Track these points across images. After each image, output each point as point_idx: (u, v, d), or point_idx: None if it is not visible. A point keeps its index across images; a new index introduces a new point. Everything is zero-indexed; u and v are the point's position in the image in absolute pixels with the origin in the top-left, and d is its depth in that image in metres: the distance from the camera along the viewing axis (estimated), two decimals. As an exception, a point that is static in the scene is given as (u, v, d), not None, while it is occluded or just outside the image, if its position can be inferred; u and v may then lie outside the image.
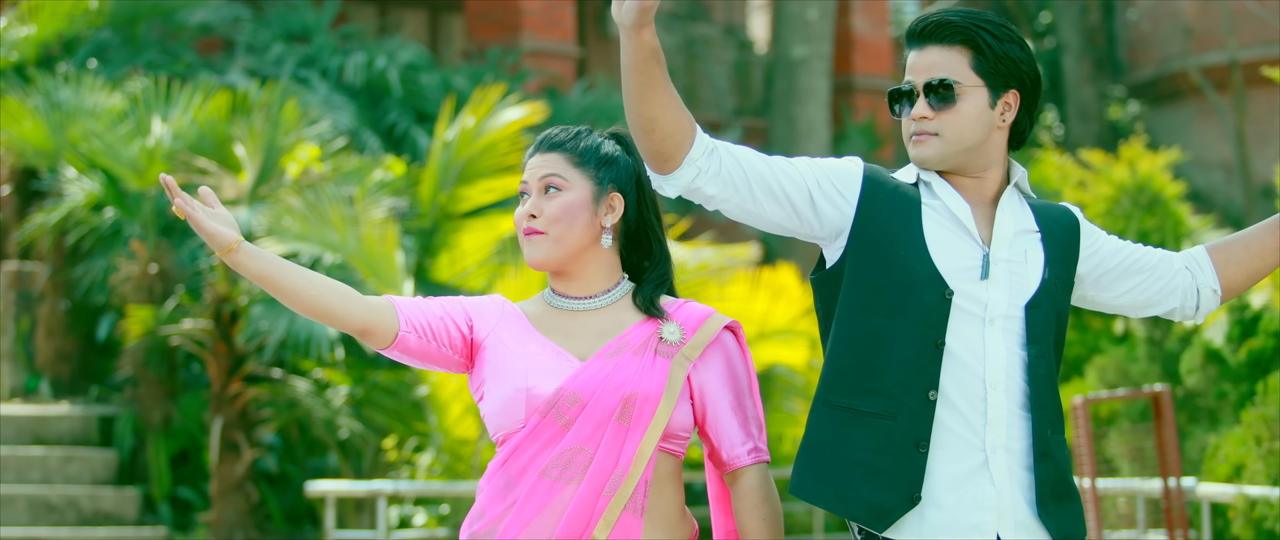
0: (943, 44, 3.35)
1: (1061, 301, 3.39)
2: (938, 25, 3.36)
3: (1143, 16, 21.43)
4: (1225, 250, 3.51)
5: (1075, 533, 3.34)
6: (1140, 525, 8.41)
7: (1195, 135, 20.50)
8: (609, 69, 19.39)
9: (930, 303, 3.29)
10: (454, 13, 18.78)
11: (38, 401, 12.21)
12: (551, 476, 3.35)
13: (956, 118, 3.34)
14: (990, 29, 3.35)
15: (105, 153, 11.44)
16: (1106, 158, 11.50)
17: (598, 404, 3.36)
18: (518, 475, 3.37)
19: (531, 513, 3.34)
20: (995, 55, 3.34)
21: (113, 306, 12.04)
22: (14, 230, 13.01)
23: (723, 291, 11.54)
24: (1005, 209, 3.39)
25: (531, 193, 3.46)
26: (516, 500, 3.35)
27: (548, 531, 3.32)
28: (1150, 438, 8.36)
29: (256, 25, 15.19)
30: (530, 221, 3.45)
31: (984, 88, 3.35)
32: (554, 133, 3.52)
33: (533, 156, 3.49)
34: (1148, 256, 3.53)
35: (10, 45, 13.07)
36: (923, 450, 3.27)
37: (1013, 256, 3.35)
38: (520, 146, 11.36)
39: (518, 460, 3.37)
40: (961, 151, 3.36)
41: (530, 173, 3.48)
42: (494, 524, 3.37)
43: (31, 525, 10.98)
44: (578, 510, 3.33)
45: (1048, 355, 3.33)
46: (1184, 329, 9.85)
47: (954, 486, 3.27)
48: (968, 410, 3.29)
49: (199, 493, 11.55)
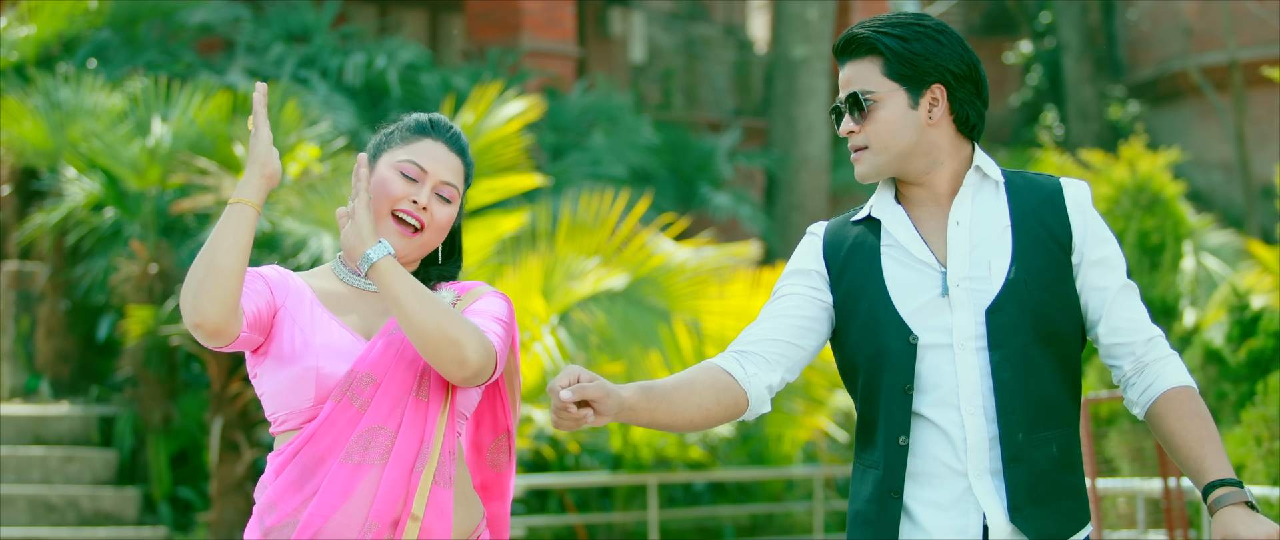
0: (853, 58, 3.38)
1: (1039, 294, 3.32)
2: (846, 41, 3.39)
3: (1143, 16, 21.43)
4: (1168, 429, 3.35)
5: (1060, 531, 3.31)
6: (1140, 525, 8.40)
7: (1195, 135, 20.50)
8: (609, 69, 19.38)
9: (896, 349, 3.33)
10: (454, 13, 18.78)
11: (38, 401, 12.21)
12: (353, 460, 3.31)
13: (877, 127, 3.35)
14: (894, 32, 3.35)
15: (105, 153, 11.44)
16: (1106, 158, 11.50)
17: (393, 382, 3.35)
18: (315, 464, 3.32)
19: (336, 499, 3.30)
20: (903, 57, 3.35)
21: (113, 306, 12.04)
22: (14, 230, 13.01)
23: (723, 290, 11.55)
24: (961, 211, 3.37)
25: (423, 182, 3.45)
26: (317, 489, 3.31)
27: (359, 516, 3.30)
28: (1150, 438, 8.37)
29: (256, 25, 15.19)
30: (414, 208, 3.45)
31: (900, 90, 3.35)
32: (448, 124, 3.53)
33: (438, 148, 3.48)
34: (1120, 329, 3.38)
35: (10, 45, 13.07)
36: (895, 497, 3.32)
37: (974, 271, 3.33)
38: (520, 146, 11.36)
39: (314, 448, 3.32)
40: (895, 158, 3.36)
41: (431, 163, 3.46)
42: (293, 516, 3.31)
43: (31, 525, 10.98)
44: (388, 490, 3.31)
45: (1015, 358, 3.29)
46: (1184, 329, 9.85)
47: (941, 520, 3.31)
48: (949, 442, 3.31)
49: (199, 493, 11.55)
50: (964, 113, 3.43)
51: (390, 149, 3.48)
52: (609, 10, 19.66)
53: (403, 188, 3.42)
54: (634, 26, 19.67)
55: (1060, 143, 19.95)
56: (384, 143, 3.50)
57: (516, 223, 10.94)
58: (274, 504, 3.34)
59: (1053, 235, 3.36)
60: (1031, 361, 3.31)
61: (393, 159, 3.45)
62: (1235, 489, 3.23)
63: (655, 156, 16.35)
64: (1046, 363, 3.33)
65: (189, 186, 11.49)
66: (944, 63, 3.39)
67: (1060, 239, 3.37)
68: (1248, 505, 3.21)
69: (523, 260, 11.15)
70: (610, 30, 19.65)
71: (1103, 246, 3.40)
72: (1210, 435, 3.30)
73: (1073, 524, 3.33)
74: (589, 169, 15.27)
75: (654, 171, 16.32)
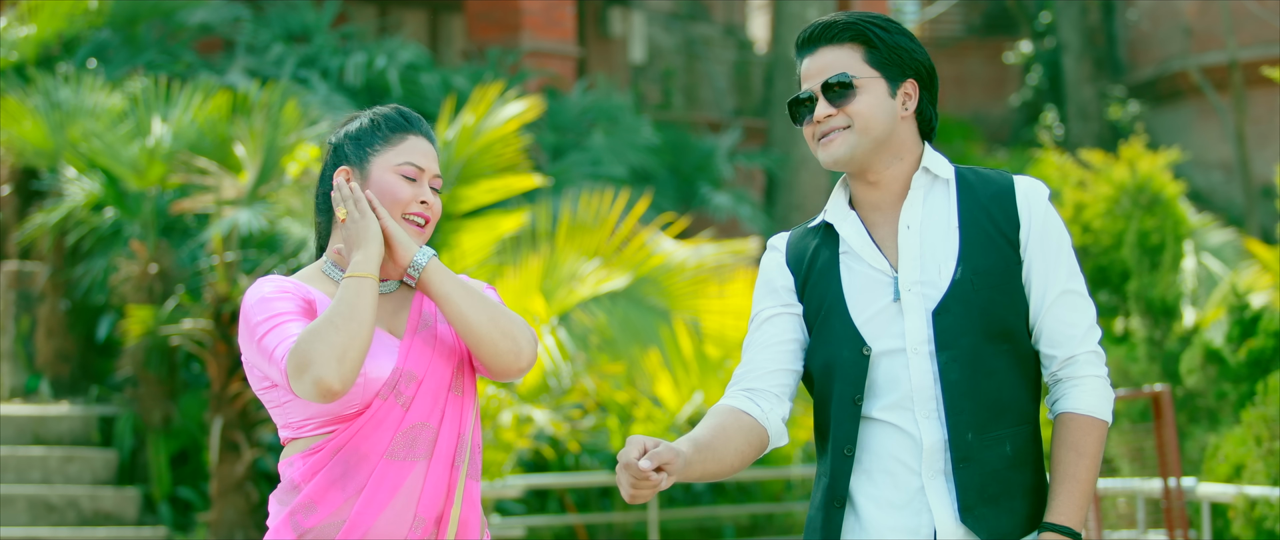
0: (833, 43, 3.38)
1: (987, 294, 3.31)
2: (825, 26, 3.39)
3: (1143, 16, 21.43)
4: (1052, 450, 3.38)
5: (1014, 530, 3.31)
6: (1140, 525, 8.40)
7: (1195, 135, 20.50)
8: (609, 69, 19.37)
9: (848, 359, 3.34)
10: (454, 13, 18.78)
11: (38, 401, 12.21)
12: (398, 457, 3.32)
13: (861, 107, 3.35)
14: (878, 21, 3.38)
15: (105, 153, 11.44)
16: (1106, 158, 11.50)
17: (433, 378, 3.37)
18: (358, 462, 3.32)
19: (384, 497, 3.30)
20: (887, 46, 3.36)
21: (113, 306, 12.04)
22: (14, 230, 13.01)
23: (723, 288, 11.54)
24: (911, 214, 3.36)
25: (422, 180, 3.46)
26: (362, 487, 3.31)
27: (407, 512, 3.31)
28: (1150, 438, 8.36)
29: (256, 25, 15.18)
30: (424, 207, 3.46)
31: (881, 79, 3.36)
32: (419, 116, 3.54)
33: (422, 143, 3.49)
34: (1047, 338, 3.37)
35: (10, 45, 13.07)
36: (838, 507, 3.34)
37: (925, 275, 3.33)
38: (520, 146, 11.36)
39: (357, 446, 3.32)
40: (871, 144, 3.35)
41: (424, 160, 3.48)
42: (336, 515, 3.31)
43: (31, 525, 10.97)
44: (433, 486, 3.33)
45: (963, 358, 3.29)
46: (1184, 329, 9.85)
47: (891, 519, 3.31)
48: (907, 441, 3.32)
49: (199, 493, 11.55)
50: (927, 113, 3.43)
51: (378, 151, 3.46)
52: (609, 10, 19.66)
53: (409, 190, 3.43)
54: (634, 26, 19.67)
55: (1060, 143, 19.95)
56: (365, 144, 3.47)
57: (516, 223, 10.94)
58: (313, 503, 3.33)
59: (1001, 232, 3.35)
60: (981, 362, 3.31)
61: (388, 162, 3.45)
62: (1063, 538, 3.26)
63: (655, 156, 16.34)
64: (998, 362, 3.32)
65: (189, 186, 11.49)
66: (919, 59, 3.41)
67: (1009, 235, 3.35)
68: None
69: (523, 260, 11.15)
70: (610, 30, 19.65)
71: (1050, 247, 3.37)
72: (1073, 474, 3.29)
73: (1028, 522, 3.33)
74: (589, 169, 15.26)
75: (654, 171, 16.32)
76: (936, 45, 23.85)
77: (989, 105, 23.52)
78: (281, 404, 3.39)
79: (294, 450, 3.40)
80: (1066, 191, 11.38)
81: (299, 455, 3.37)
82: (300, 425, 3.37)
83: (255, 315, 3.35)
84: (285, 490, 3.39)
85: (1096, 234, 11.02)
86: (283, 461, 3.43)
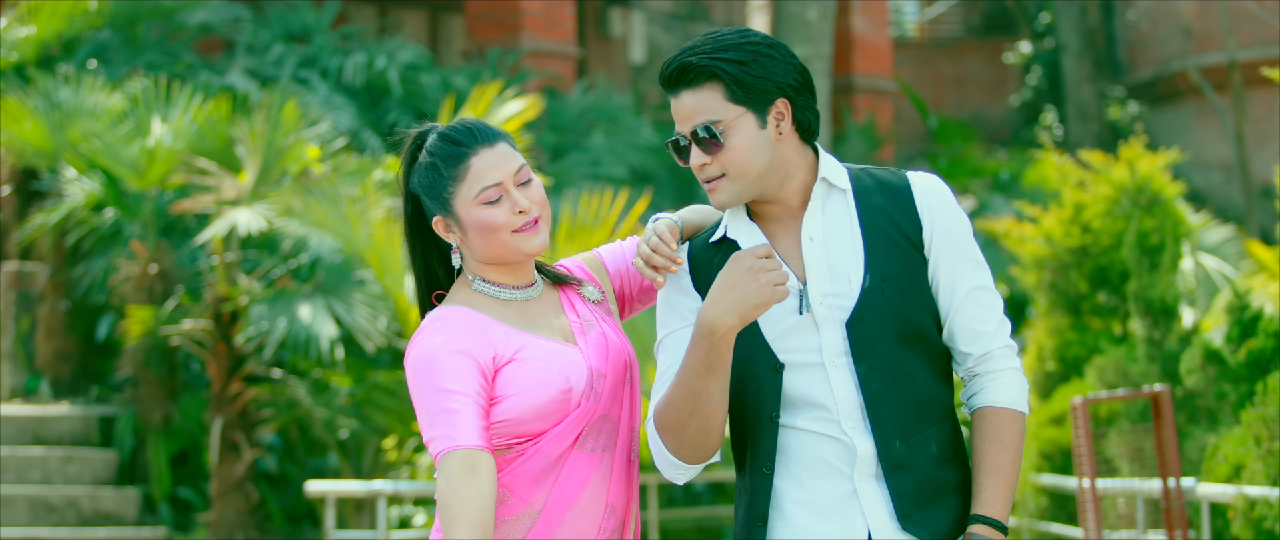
0: (692, 87, 3.29)
1: (898, 299, 3.29)
2: (680, 70, 3.29)
3: (1142, 17, 21.44)
4: (973, 444, 3.37)
5: (953, 528, 3.31)
6: (1140, 525, 8.41)
7: (1195, 135, 20.50)
8: (609, 69, 19.38)
9: (763, 376, 3.31)
10: (454, 13, 18.78)
11: (38, 401, 12.21)
12: (588, 448, 3.37)
13: (732, 154, 3.28)
14: (731, 56, 3.27)
15: (105, 153, 11.44)
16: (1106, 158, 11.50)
17: (613, 374, 3.42)
18: (559, 457, 3.36)
19: (576, 488, 3.35)
20: (743, 83, 3.27)
21: (113, 306, 12.04)
22: (14, 230, 13.02)
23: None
24: (813, 226, 3.32)
25: (507, 192, 3.41)
26: (556, 479, 3.34)
27: (598, 502, 3.36)
28: (1150, 438, 8.37)
29: (256, 25, 15.19)
30: (524, 216, 3.43)
31: (748, 113, 3.28)
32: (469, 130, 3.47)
33: (485, 154, 3.41)
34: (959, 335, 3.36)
35: (10, 45, 13.07)
36: (761, 524, 3.32)
37: (835, 286, 3.30)
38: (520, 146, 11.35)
39: (560, 442, 3.35)
40: (753, 182, 3.30)
41: (496, 171, 3.42)
42: (530, 505, 3.33)
43: (31, 525, 10.98)
44: (619, 476, 3.40)
45: (882, 367, 3.27)
46: (1184, 329, 9.85)
47: (821, 525, 3.29)
48: (834, 447, 3.29)
49: (199, 493, 11.55)
50: (805, 119, 3.34)
51: (452, 192, 3.38)
52: (609, 10, 19.67)
53: (501, 213, 3.38)
54: (634, 27, 19.67)
55: (1060, 143, 19.95)
56: (439, 189, 3.40)
57: (516, 223, 10.93)
58: (508, 492, 3.34)
59: (904, 234, 3.33)
60: (899, 367, 3.29)
61: (467, 197, 3.38)
62: (992, 530, 3.25)
63: (655, 156, 16.35)
64: (915, 364, 3.31)
65: (189, 186, 11.49)
66: (783, 78, 3.30)
67: (911, 237, 3.33)
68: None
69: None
70: (610, 30, 19.66)
71: (956, 245, 3.35)
72: (997, 467, 3.29)
73: (962, 518, 3.33)
74: (589, 169, 15.27)
75: (654, 171, 16.33)
76: (936, 45, 23.86)
77: (989, 105, 23.53)
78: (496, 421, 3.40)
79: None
80: (1066, 191, 11.37)
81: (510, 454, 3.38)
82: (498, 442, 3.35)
83: (423, 382, 3.30)
84: None
85: (1096, 234, 11.02)
86: None
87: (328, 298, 10.78)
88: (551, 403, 3.34)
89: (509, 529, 3.34)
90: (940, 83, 23.42)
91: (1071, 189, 11.38)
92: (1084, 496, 8.30)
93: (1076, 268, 11.08)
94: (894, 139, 19.27)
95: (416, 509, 10.81)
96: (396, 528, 10.54)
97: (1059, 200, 11.56)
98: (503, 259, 3.41)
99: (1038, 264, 11.17)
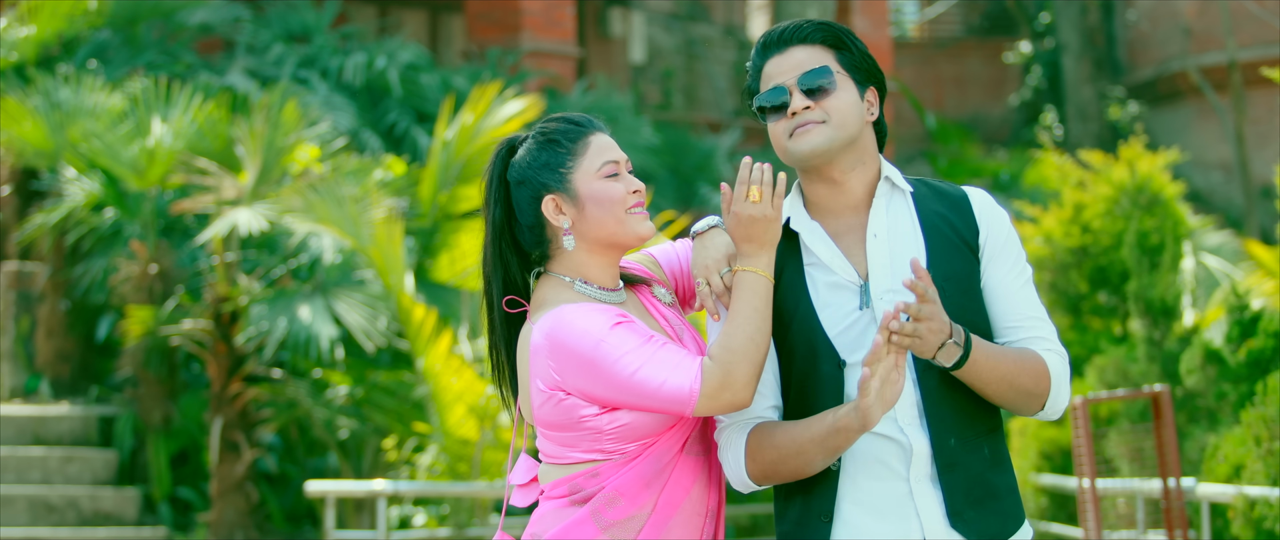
0: (806, 44, 3.42)
1: (958, 299, 3.35)
2: (797, 28, 3.43)
3: (1142, 17, 21.44)
4: None
5: (1001, 531, 3.34)
6: (1140, 525, 8.41)
7: (1195, 135, 20.50)
8: (609, 69, 19.38)
9: (827, 374, 3.35)
10: (454, 13, 18.78)
11: (38, 401, 12.21)
12: (693, 452, 3.41)
13: (838, 102, 3.38)
14: (845, 30, 3.46)
15: (105, 153, 11.44)
16: (1106, 158, 11.51)
17: None
18: (670, 460, 3.38)
19: (683, 491, 3.38)
20: (856, 52, 3.43)
21: (113, 306, 12.04)
22: (14, 230, 13.01)
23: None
24: (877, 223, 3.38)
25: (623, 171, 3.46)
26: (667, 482, 3.36)
27: (701, 503, 3.41)
28: (1150, 438, 8.37)
29: (256, 25, 15.19)
30: (638, 195, 3.49)
31: (851, 81, 3.41)
32: (588, 118, 3.51)
33: (603, 137, 3.47)
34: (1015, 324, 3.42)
35: (10, 45, 13.07)
36: (825, 520, 3.34)
37: (896, 284, 3.35)
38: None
39: (671, 446, 3.38)
40: (845, 140, 3.38)
41: (616, 152, 3.47)
42: (640, 508, 3.34)
43: (31, 525, 10.98)
44: (715, 479, 3.44)
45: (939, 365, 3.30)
46: (1184, 329, 9.85)
47: (877, 526, 3.32)
48: (890, 448, 3.32)
49: (199, 493, 11.55)
50: (881, 122, 3.48)
51: (573, 166, 3.42)
52: (609, 10, 19.67)
53: (621, 187, 3.43)
54: (634, 27, 19.67)
55: (1060, 143, 19.96)
56: (556, 165, 3.43)
57: (516, 223, 10.92)
58: (618, 496, 3.37)
59: (962, 238, 3.40)
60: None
61: (589, 170, 3.42)
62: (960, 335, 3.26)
63: (655, 156, 16.35)
64: None
65: (189, 186, 11.49)
66: (878, 73, 3.48)
67: (969, 241, 3.40)
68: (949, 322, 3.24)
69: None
70: (610, 30, 19.65)
71: (1007, 251, 3.44)
72: (1003, 351, 3.33)
73: (1012, 523, 3.37)
74: (589, 169, 15.26)
75: (654, 171, 16.33)
76: (936, 45, 23.85)
77: (989, 105, 23.53)
78: (608, 430, 3.36)
79: (589, 466, 3.39)
80: (1066, 192, 11.38)
81: (607, 465, 3.37)
82: (620, 446, 3.36)
83: (609, 353, 3.29)
84: (588, 478, 3.38)
85: (1096, 234, 11.02)
86: (573, 477, 3.40)
87: (328, 298, 10.78)
88: None
89: (618, 531, 3.36)
90: (940, 83, 23.42)
91: (1071, 189, 11.38)
92: (1084, 496, 8.30)
93: (1076, 268, 11.08)
94: (894, 139, 19.26)
95: (417, 509, 10.81)
96: (396, 528, 10.53)
97: (1059, 200, 11.56)
98: (616, 239, 3.42)
99: (1038, 264, 11.18)
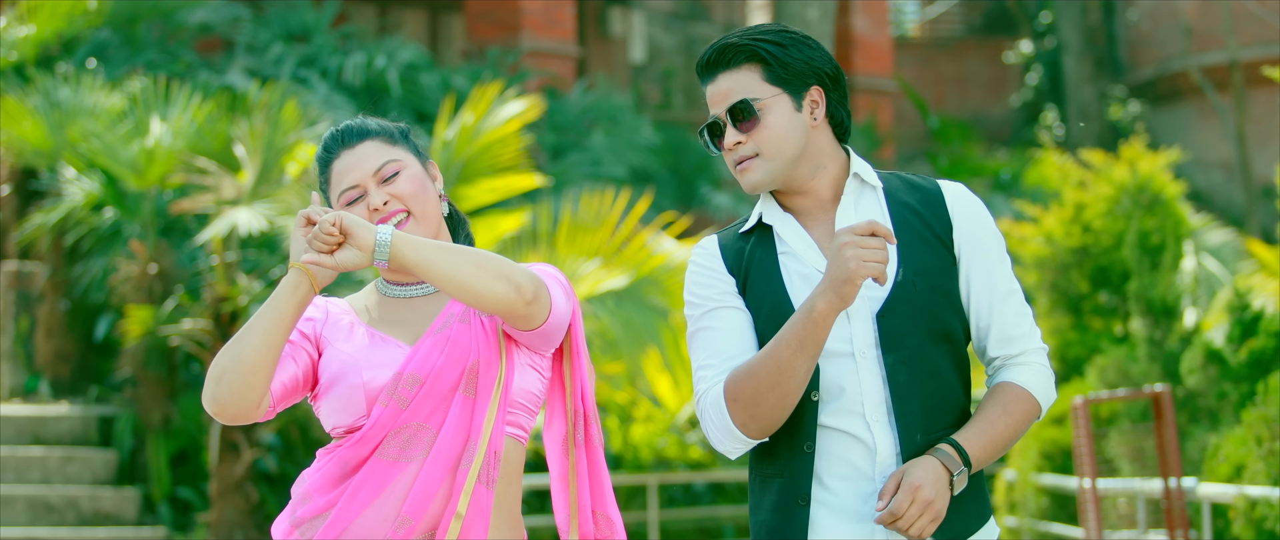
0: (729, 68, 3.36)
1: (928, 295, 3.32)
2: (719, 51, 3.36)
3: (1143, 16, 21.43)
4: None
5: (964, 528, 3.32)
6: (1141, 525, 8.40)
7: (1195, 135, 20.50)
8: (609, 69, 19.38)
9: None
10: (454, 13, 18.78)
11: (37, 401, 12.21)
12: (389, 457, 3.30)
13: (768, 132, 3.33)
14: (770, 38, 3.36)
15: (105, 153, 11.43)
16: (1107, 158, 11.50)
17: (438, 379, 3.32)
18: (356, 463, 3.32)
19: (368, 496, 3.29)
20: (782, 62, 3.34)
21: (112, 306, 12.03)
22: (14, 230, 13.01)
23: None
24: (845, 219, 3.36)
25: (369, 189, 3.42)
26: (351, 484, 3.30)
27: (391, 512, 3.28)
28: (1151, 438, 8.36)
29: (256, 25, 15.19)
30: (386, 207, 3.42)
31: (783, 95, 3.35)
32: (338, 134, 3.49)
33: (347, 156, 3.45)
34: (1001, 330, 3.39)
35: (10, 45, 13.07)
36: (803, 503, 3.31)
37: None
38: (520, 146, 11.36)
39: (358, 450, 3.32)
40: (787, 164, 3.35)
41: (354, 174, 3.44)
42: (325, 509, 3.31)
43: (31, 525, 10.97)
44: (423, 488, 3.28)
45: (909, 360, 3.29)
46: (1184, 329, 9.84)
47: (846, 526, 3.30)
48: (855, 447, 3.31)
49: (199, 493, 11.54)
50: (838, 114, 3.41)
51: (329, 193, 3.47)
52: (609, 10, 19.66)
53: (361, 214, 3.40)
54: (634, 26, 19.66)
55: (1060, 143, 19.95)
56: (322, 185, 3.51)
57: (517, 223, 10.93)
58: (309, 495, 3.35)
59: (935, 233, 3.36)
60: (927, 363, 3.32)
61: (335, 196, 3.45)
62: (955, 454, 3.24)
63: (655, 156, 16.35)
64: (941, 362, 3.34)
65: (189, 186, 11.49)
66: (819, 65, 3.38)
67: (942, 237, 3.37)
68: (943, 466, 3.22)
69: (523, 260, 11.15)
70: (610, 30, 19.65)
71: (990, 251, 3.39)
72: (992, 422, 3.31)
73: (975, 519, 3.34)
74: (589, 169, 15.26)
75: (654, 171, 16.32)
76: (937, 45, 23.85)
77: (989, 105, 23.52)
78: (318, 416, 3.45)
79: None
80: (1066, 191, 11.37)
81: (322, 450, 3.40)
82: (331, 433, 3.40)
83: None
84: (299, 481, 3.41)
85: (1096, 234, 11.02)
86: None
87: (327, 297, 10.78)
88: (346, 399, 3.34)
89: (306, 529, 3.32)
90: (941, 82, 23.41)
91: (1072, 189, 11.38)
92: (1085, 496, 8.30)
93: (1077, 268, 11.07)
94: (894, 139, 19.25)
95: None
96: (396, 528, 10.53)
97: (1060, 200, 11.56)
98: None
99: (1038, 264, 11.17)
